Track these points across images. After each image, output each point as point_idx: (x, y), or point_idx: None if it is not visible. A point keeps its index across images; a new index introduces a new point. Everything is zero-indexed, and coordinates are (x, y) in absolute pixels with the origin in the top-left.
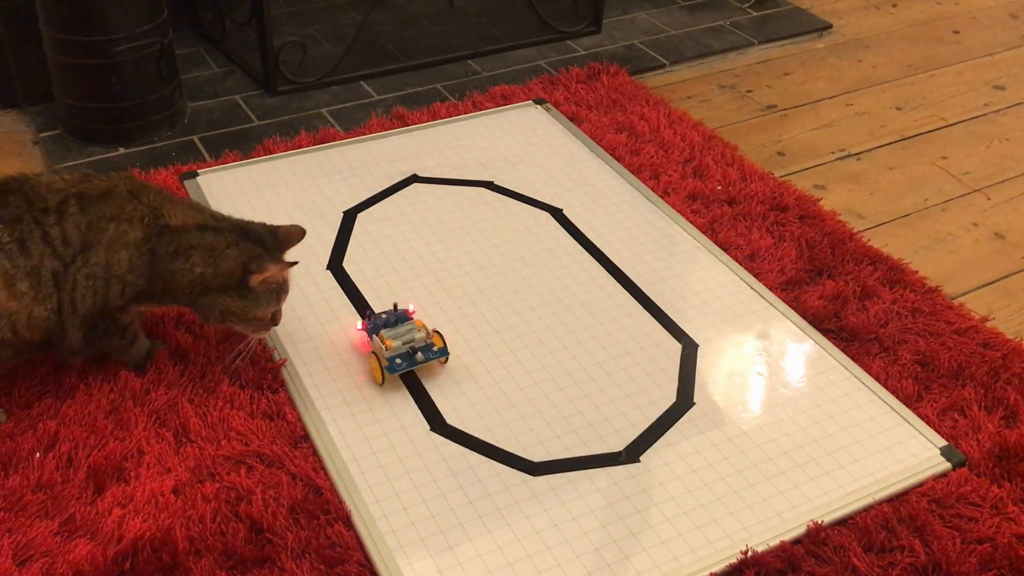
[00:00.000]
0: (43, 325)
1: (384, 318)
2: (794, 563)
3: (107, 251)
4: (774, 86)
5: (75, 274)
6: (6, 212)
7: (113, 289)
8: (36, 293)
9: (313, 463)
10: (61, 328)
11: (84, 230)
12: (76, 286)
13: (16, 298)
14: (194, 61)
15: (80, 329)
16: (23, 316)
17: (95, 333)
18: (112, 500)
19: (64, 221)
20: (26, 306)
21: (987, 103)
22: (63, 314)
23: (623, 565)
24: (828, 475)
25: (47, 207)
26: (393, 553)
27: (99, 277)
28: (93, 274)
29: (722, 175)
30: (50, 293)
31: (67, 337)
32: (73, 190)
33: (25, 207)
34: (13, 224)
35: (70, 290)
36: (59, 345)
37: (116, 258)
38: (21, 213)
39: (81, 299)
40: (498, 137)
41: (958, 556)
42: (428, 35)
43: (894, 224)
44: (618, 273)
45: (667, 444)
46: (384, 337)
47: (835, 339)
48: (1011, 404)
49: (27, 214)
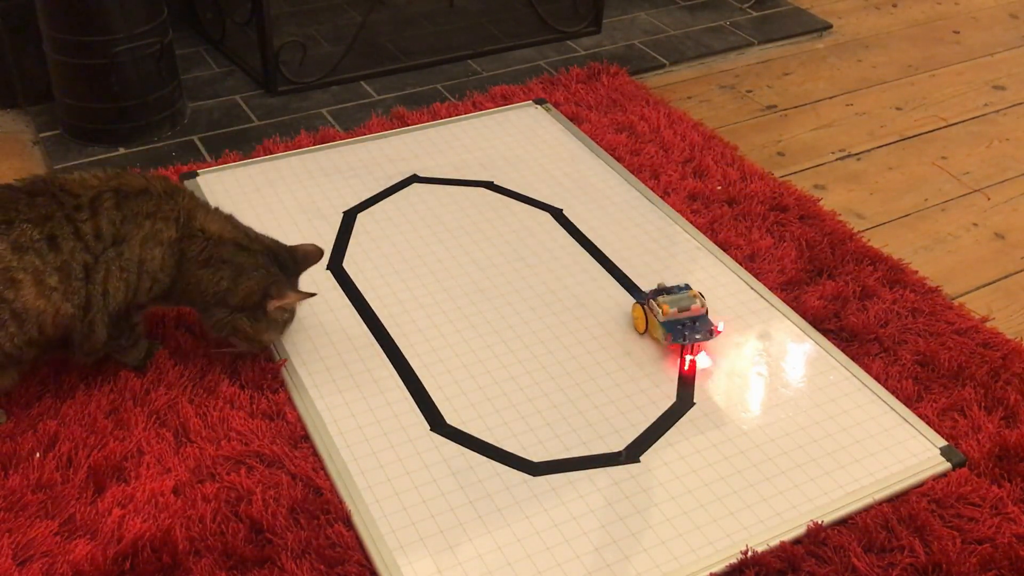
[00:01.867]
0: (68, 323)
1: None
2: (794, 563)
3: (141, 247)
4: (774, 86)
5: (108, 264)
6: (34, 212)
7: (143, 285)
8: (65, 288)
9: (313, 463)
10: (88, 325)
11: (119, 224)
12: (109, 276)
13: (45, 296)
14: (194, 61)
15: (107, 325)
16: (50, 314)
17: (117, 330)
18: (112, 500)
19: (98, 216)
20: (54, 303)
21: (987, 103)
22: (92, 308)
23: (623, 565)
24: (828, 475)
25: (80, 204)
26: (393, 553)
27: (132, 271)
28: (127, 267)
29: (722, 175)
30: (79, 288)
31: (94, 333)
32: (110, 184)
33: (55, 206)
34: (42, 222)
35: (102, 281)
36: (81, 343)
37: (150, 255)
38: (51, 211)
39: (114, 292)
40: (498, 137)
41: (958, 556)
42: (428, 35)
43: (894, 224)
44: (618, 273)
45: (667, 444)
46: (660, 302)
47: (835, 339)
48: (1011, 404)
49: (58, 211)
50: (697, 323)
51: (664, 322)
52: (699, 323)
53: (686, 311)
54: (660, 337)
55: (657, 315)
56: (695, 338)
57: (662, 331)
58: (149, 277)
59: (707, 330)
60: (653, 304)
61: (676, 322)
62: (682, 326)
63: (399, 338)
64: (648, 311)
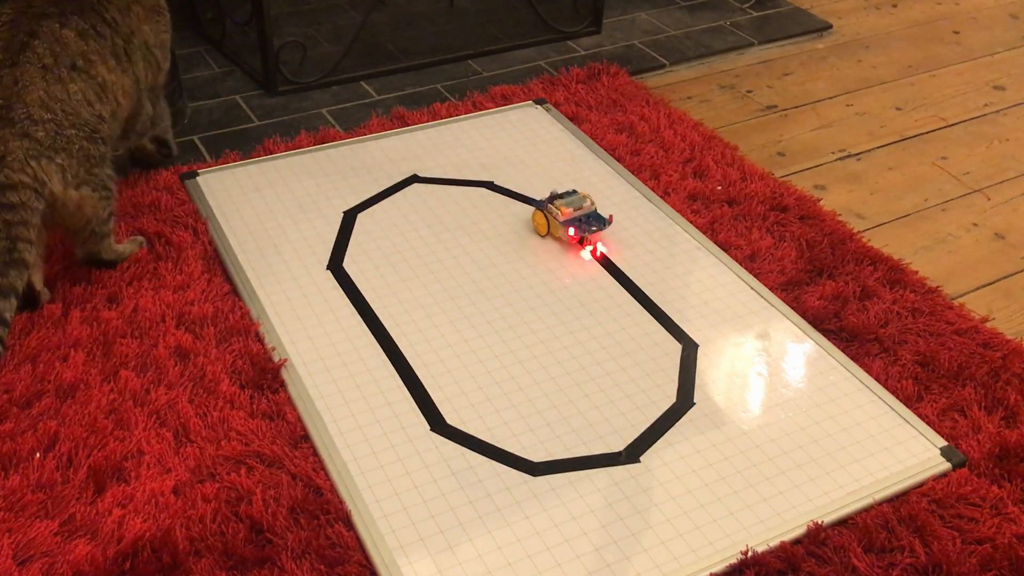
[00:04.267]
0: (132, 92)
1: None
2: (794, 563)
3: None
4: (774, 86)
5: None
6: (73, 4)
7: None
8: (121, 66)
9: (313, 463)
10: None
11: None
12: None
13: (113, 71)
14: (194, 61)
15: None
16: (120, 84)
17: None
18: (112, 500)
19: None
20: (120, 77)
21: (987, 103)
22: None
23: (623, 565)
24: (828, 475)
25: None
26: (393, 553)
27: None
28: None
29: (722, 175)
30: (127, 66)
31: (143, 107)
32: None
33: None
34: (82, 13)
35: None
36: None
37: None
38: (83, 5)
39: (143, 74)
40: (498, 137)
41: (958, 556)
42: (428, 35)
43: (894, 224)
44: (618, 273)
45: (667, 444)
46: (559, 205)
47: (835, 339)
48: (1011, 404)
49: (85, 4)
50: (591, 218)
51: (564, 221)
52: (592, 218)
53: (580, 209)
54: (562, 235)
55: (557, 217)
56: (592, 229)
57: (563, 230)
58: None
59: (602, 221)
60: (552, 208)
61: (574, 219)
62: (581, 221)
63: (399, 338)
64: (548, 215)
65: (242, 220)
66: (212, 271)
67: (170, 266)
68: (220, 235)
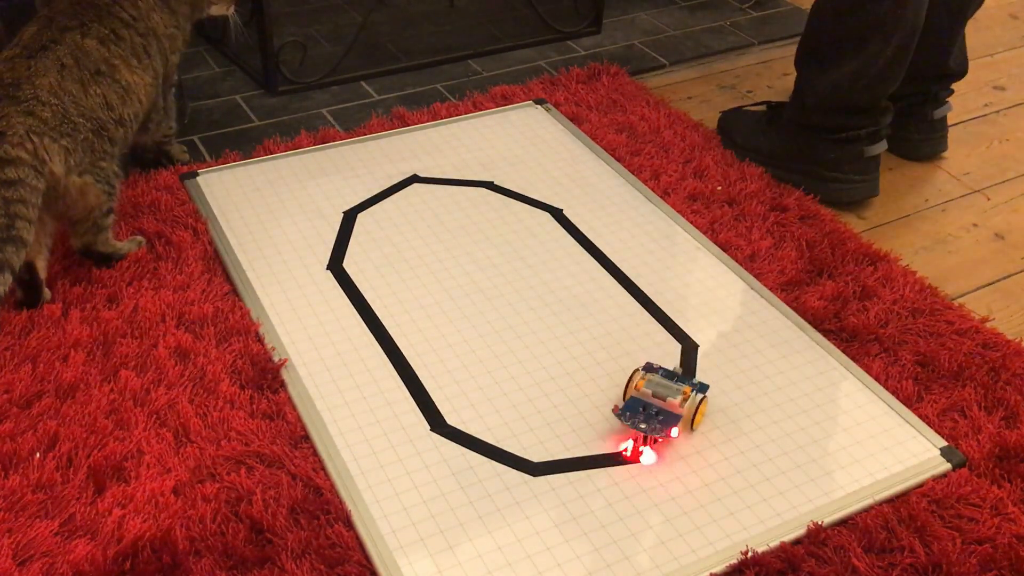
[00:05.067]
0: (152, 91)
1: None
2: (794, 564)
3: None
4: (774, 86)
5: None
6: (92, 13)
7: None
8: (142, 64)
9: (313, 463)
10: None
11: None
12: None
13: (135, 72)
14: (194, 61)
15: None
16: (142, 85)
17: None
18: (112, 500)
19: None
20: (141, 76)
21: (987, 103)
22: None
23: (623, 565)
24: (828, 476)
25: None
26: (393, 553)
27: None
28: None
29: (722, 175)
30: (147, 64)
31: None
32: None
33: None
34: (101, 20)
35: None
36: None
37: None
38: (100, 11)
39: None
40: (498, 137)
41: (958, 557)
42: (428, 35)
43: (894, 224)
44: (618, 273)
45: (667, 444)
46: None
47: (835, 339)
48: (1011, 405)
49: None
50: (660, 416)
51: (630, 397)
52: (661, 417)
53: (659, 399)
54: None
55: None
56: (640, 427)
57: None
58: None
59: (662, 428)
60: (636, 375)
61: (640, 403)
62: (643, 409)
63: (399, 338)
64: (628, 384)
65: (242, 220)
66: (212, 271)
67: (170, 266)
68: (220, 235)
